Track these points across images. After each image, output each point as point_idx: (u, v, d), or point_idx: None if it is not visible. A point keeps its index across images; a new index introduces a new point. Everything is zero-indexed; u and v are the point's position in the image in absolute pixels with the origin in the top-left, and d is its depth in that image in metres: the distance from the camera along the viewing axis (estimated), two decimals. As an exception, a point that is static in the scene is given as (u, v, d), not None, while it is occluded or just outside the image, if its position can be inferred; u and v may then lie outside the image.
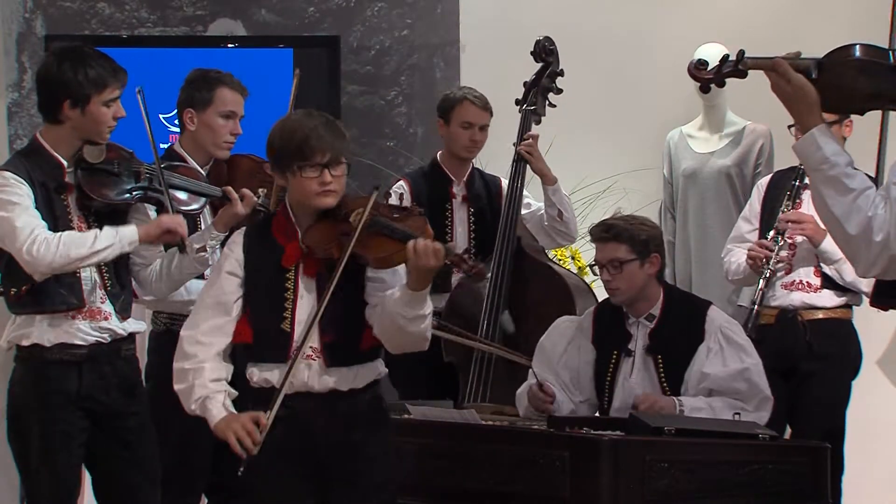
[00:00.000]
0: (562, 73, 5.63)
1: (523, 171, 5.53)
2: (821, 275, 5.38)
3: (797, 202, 5.40)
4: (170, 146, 4.91)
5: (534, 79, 5.63)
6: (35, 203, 4.17)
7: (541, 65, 5.64)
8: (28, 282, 4.18)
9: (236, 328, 3.84)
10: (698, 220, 6.41)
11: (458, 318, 5.39)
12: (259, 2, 6.84)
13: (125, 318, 4.34)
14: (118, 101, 4.26)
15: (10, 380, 4.33)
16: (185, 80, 4.88)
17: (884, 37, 5.91)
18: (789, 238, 5.37)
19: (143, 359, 4.61)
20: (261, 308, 3.83)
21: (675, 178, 6.50)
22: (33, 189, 4.18)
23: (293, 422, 3.79)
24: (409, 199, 5.46)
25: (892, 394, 6.61)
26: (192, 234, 4.55)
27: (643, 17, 6.85)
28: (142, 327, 4.49)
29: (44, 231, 4.12)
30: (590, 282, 5.54)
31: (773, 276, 5.38)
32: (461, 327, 5.34)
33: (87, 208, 4.27)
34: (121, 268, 4.35)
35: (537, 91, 5.60)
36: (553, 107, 5.64)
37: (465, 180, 5.67)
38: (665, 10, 6.88)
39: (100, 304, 4.28)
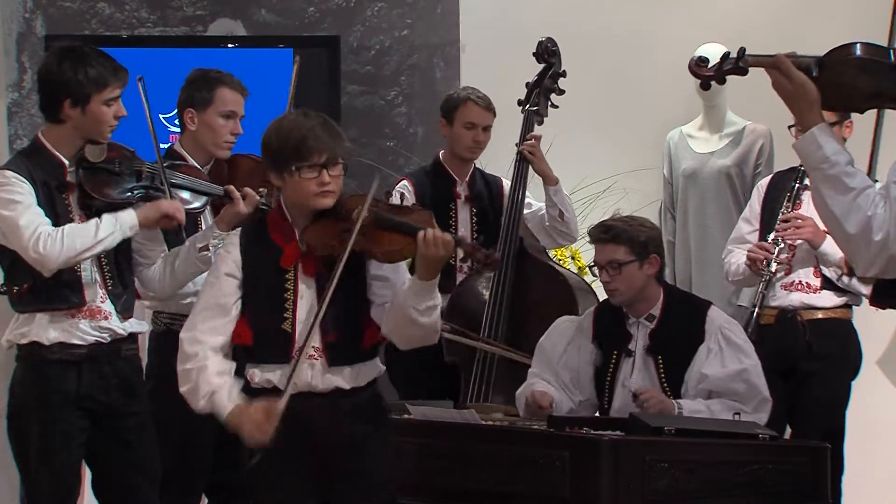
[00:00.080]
0: (564, 74, 5.64)
1: (525, 171, 5.53)
2: (820, 275, 5.38)
3: (797, 203, 5.40)
4: (170, 146, 4.91)
5: (536, 79, 5.63)
6: (37, 201, 4.18)
7: (543, 65, 5.64)
8: (29, 280, 4.19)
9: (235, 329, 3.83)
10: (698, 220, 6.41)
11: (460, 317, 5.39)
12: (259, 2, 6.84)
13: (126, 318, 4.34)
14: (119, 101, 4.26)
15: (11, 379, 4.33)
16: (185, 80, 4.88)
17: (884, 37, 5.90)
18: (789, 241, 5.37)
19: (143, 359, 4.61)
20: (260, 309, 3.83)
21: (675, 178, 6.50)
22: (35, 188, 4.18)
23: (295, 421, 3.78)
24: (412, 199, 5.46)
25: (892, 394, 6.61)
26: (195, 234, 4.56)
27: (643, 17, 6.85)
28: (144, 327, 4.49)
29: (47, 227, 4.12)
30: (590, 282, 5.54)
31: (773, 277, 5.39)
32: (463, 327, 5.34)
33: (89, 207, 4.27)
34: (123, 267, 4.35)
35: (539, 92, 5.60)
36: (555, 108, 5.64)
37: (467, 180, 5.68)
38: (665, 10, 6.87)
39: (100, 303, 4.28)
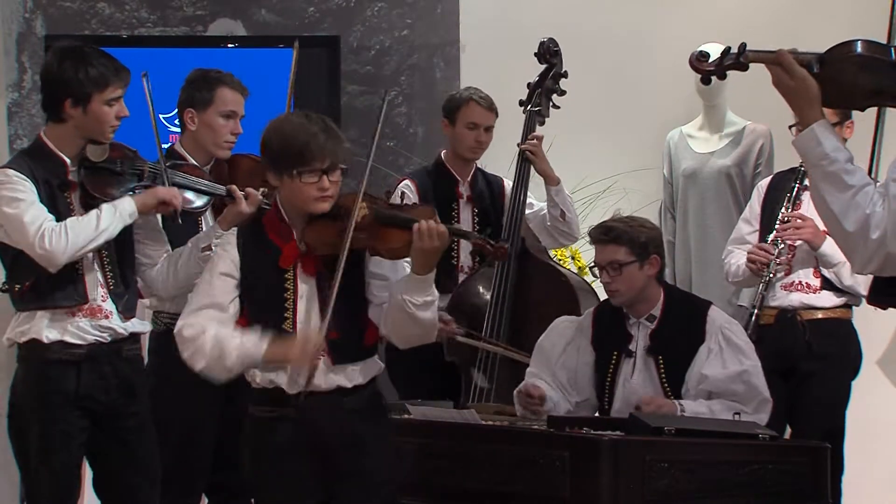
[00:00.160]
0: (565, 75, 5.63)
1: (527, 171, 5.52)
2: (820, 276, 5.38)
3: (797, 204, 5.39)
4: (170, 146, 4.91)
5: (538, 80, 5.62)
6: (39, 200, 4.18)
7: (545, 66, 5.63)
8: (31, 277, 4.19)
9: (235, 329, 3.83)
10: (698, 220, 6.41)
11: (462, 317, 5.38)
12: (259, 2, 6.84)
13: (128, 318, 4.33)
14: (121, 101, 4.26)
15: (12, 379, 4.34)
16: (185, 80, 4.88)
17: (883, 36, 5.91)
18: (789, 242, 5.37)
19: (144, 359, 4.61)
20: (260, 309, 3.83)
21: (675, 178, 6.50)
22: (37, 186, 4.19)
23: (298, 420, 3.79)
24: (415, 199, 5.45)
25: (892, 394, 6.61)
26: (197, 235, 4.56)
27: (643, 18, 6.84)
28: (146, 328, 4.49)
29: (50, 223, 4.13)
30: (590, 282, 5.54)
31: (773, 278, 5.39)
32: (465, 327, 5.34)
33: (91, 206, 4.27)
34: (126, 268, 4.35)
35: (541, 92, 5.59)
36: (557, 108, 5.64)
37: (469, 180, 5.67)
38: (665, 10, 6.87)
39: (101, 302, 4.28)
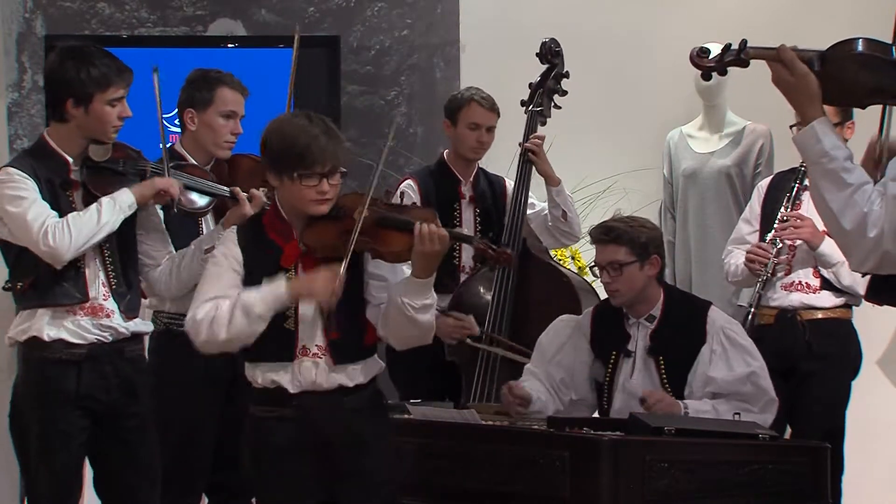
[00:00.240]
0: (567, 75, 5.61)
1: (529, 171, 5.52)
2: (819, 276, 5.38)
3: (797, 204, 5.39)
4: (171, 146, 4.91)
5: (539, 80, 5.61)
6: (42, 198, 4.19)
7: (546, 66, 5.62)
8: (32, 275, 4.19)
9: None
10: (698, 220, 6.41)
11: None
12: (259, 2, 6.84)
13: (131, 318, 4.33)
14: (124, 101, 4.26)
15: (14, 378, 4.34)
16: (185, 80, 4.88)
17: (883, 37, 5.90)
18: (789, 241, 5.37)
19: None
20: None
21: (675, 178, 6.50)
22: (38, 185, 4.19)
23: (301, 420, 3.80)
24: (417, 198, 5.45)
25: (892, 394, 6.61)
26: (201, 236, 4.56)
27: (643, 18, 6.84)
28: (149, 328, 4.48)
29: (53, 220, 4.14)
30: (590, 282, 5.54)
31: (772, 278, 5.38)
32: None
33: None
34: (128, 267, 4.35)
35: (543, 93, 5.58)
36: (558, 108, 5.63)
37: (471, 181, 5.65)
38: (665, 10, 6.87)
39: (102, 300, 4.27)
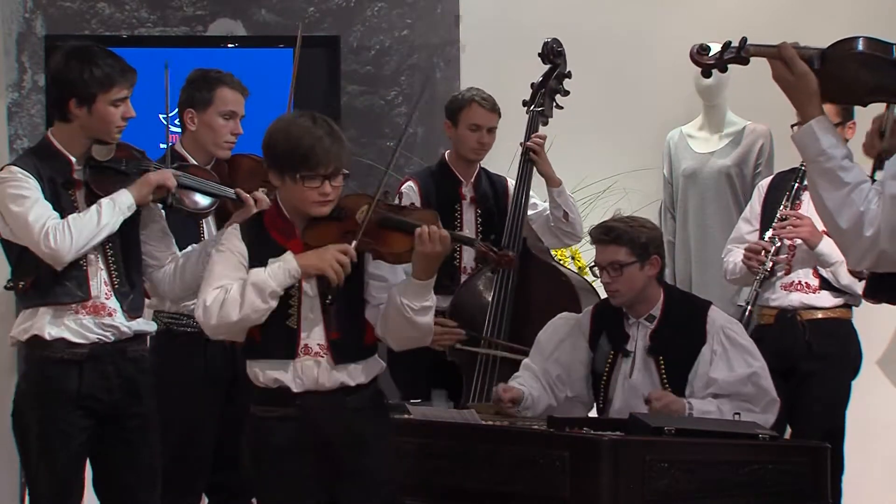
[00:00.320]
0: (569, 75, 5.61)
1: (530, 171, 5.51)
2: (819, 276, 5.38)
3: (797, 204, 5.40)
4: (171, 146, 4.90)
5: (541, 80, 5.60)
6: (43, 197, 4.19)
7: (548, 66, 5.61)
8: (34, 274, 4.19)
9: None
10: (698, 220, 6.41)
11: (464, 318, 5.38)
12: (259, 2, 6.84)
13: (133, 318, 4.32)
14: (127, 101, 4.25)
15: (18, 378, 4.34)
16: (185, 80, 4.88)
17: (884, 36, 5.90)
18: (788, 241, 5.37)
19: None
20: None
21: (675, 178, 6.50)
22: (41, 184, 4.19)
23: (302, 420, 3.80)
24: (417, 199, 5.45)
25: (892, 394, 6.61)
26: (207, 239, 4.55)
27: (643, 18, 6.85)
28: (152, 327, 4.46)
29: (54, 221, 4.14)
30: (590, 282, 5.54)
31: (771, 276, 5.38)
32: (466, 327, 5.33)
33: None
34: (131, 267, 4.34)
35: (545, 93, 5.57)
36: (560, 108, 5.62)
37: (472, 181, 5.65)
38: (665, 11, 6.88)
39: (104, 299, 4.26)
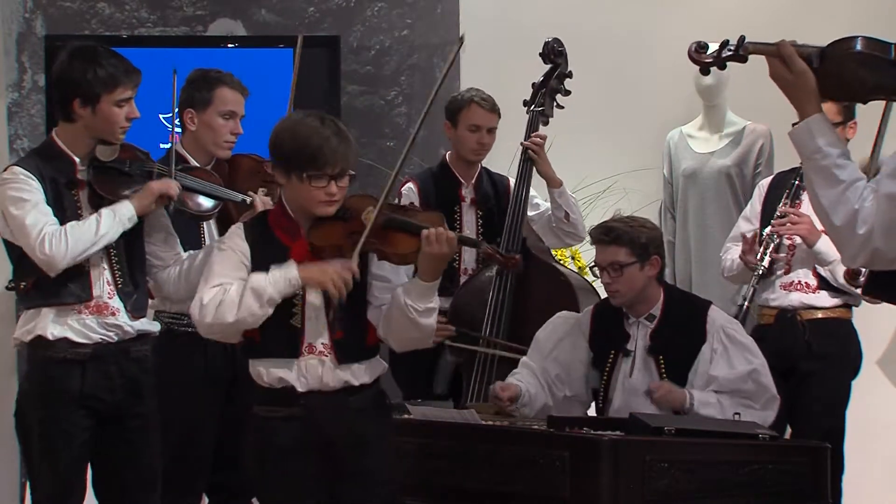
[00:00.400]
0: (570, 75, 5.60)
1: (529, 172, 5.51)
2: (818, 275, 5.38)
3: (797, 202, 5.39)
4: (173, 145, 4.90)
5: (542, 80, 5.60)
6: (45, 198, 4.19)
7: (549, 66, 5.61)
8: (35, 275, 4.19)
9: None
10: (698, 220, 6.42)
11: (463, 318, 5.37)
12: (259, 2, 6.84)
13: (137, 318, 4.32)
14: (131, 102, 4.25)
15: (19, 379, 4.35)
16: (185, 80, 4.88)
17: (884, 36, 5.90)
18: (787, 240, 5.37)
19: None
20: None
21: (675, 178, 6.51)
22: (43, 184, 4.19)
23: (306, 420, 3.81)
24: (417, 201, 5.45)
25: (892, 394, 6.61)
26: (213, 241, 4.55)
27: (643, 18, 6.85)
28: (155, 328, 4.45)
29: (52, 227, 4.13)
30: (590, 281, 5.54)
31: (769, 273, 5.37)
32: (466, 327, 5.33)
33: (99, 206, 4.26)
34: (135, 266, 4.34)
35: (545, 92, 5.56)
36: (561, 108, 5.62)
37: (473, 183, 5.64)
38: (665, 11, 6.88)
39: (107, 299, 4.27)
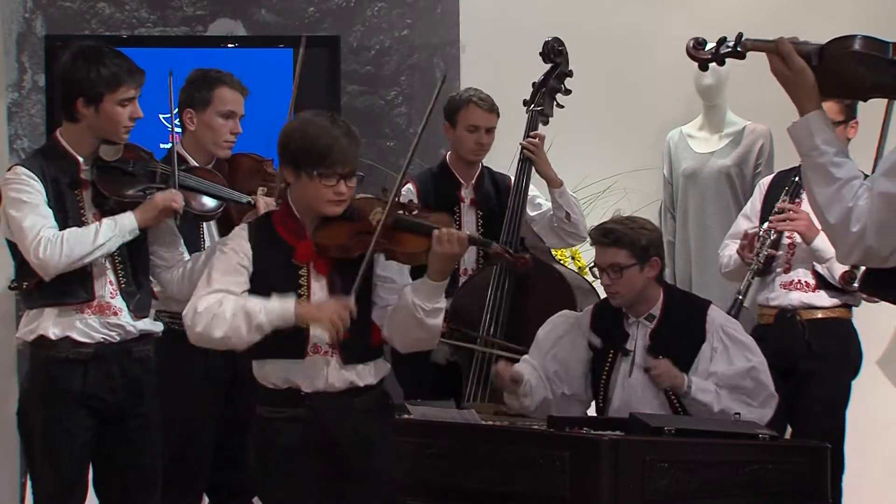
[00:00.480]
0: (570, 74, 5.60)
1: (528, 171, 5.51)
2: (816, 274, 5.38)
3: (797, 202, 5.39)
4: (174, 145, 4.89)
5: (542, 79, 5.59)
6: (47, 198, 4.19)
7: (550, 65, 5.60)
8: (37, 275, 4.20)
9: None
10: (698, 220, 6.42)
11: (461, 318, 5.38)
12: (259, 2, 6.84)
13: (140, 318, 4.32)
14: (135, 102, 4.25)
15: (19, 378, 4.35)
16: (185, 80, 4.88)
17: (883, 36, 5.89)
18: (787, 238, 5.37)
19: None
20: None
21: (675, 178, 6.51)
22: (45, 185, 4.19)
23: (311, 421, 3.81)
24: (416, 202, 5.44)
25: (892, 394, 6.61)
26: (217, 240, 4.54)
27: (643, 18, 6.85)
28: (158, 328, 4.45)
29: (49, 231, 4.13)
30: (590, 282, 5.53)
31: (766, 269, 5.36)
32: (464, 327, 5.33)
33: (102, 206, 4.27)
34: (138, 267, 4.34)
35: (545, 92, 5.56)
36: (561, 107, 5.61)
37: (473, 183, 5.63)
38: (665, 10, 6.87)
39: (109, 299, 4.27)
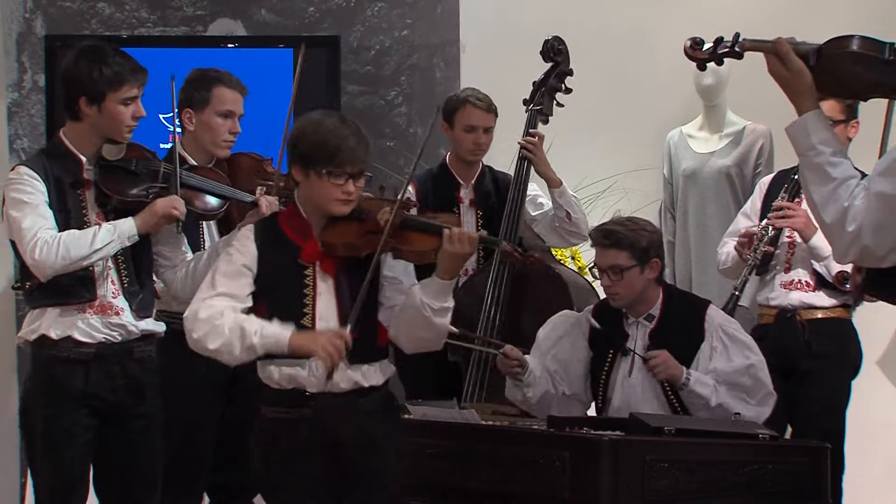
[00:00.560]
0: (570, 73, 5.59)
1: (527, 171, 5.50)
2: (815, 273, 5.38)
3: (797, 200, 5.39)
4: (174, 144, 4.89)
5: (542, 78, 5.58)
6: (48, 198, 4.19)
7: (550, 64, 5.60)
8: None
9: None
10: (698, 220, 6.41)
11: (462, 319, 5.36)
12: (259, 2, 6.84)
13: (142, 318, 4.32)
14: (138, 101, 4.25)
15: (20, 378, 4.35)
16: (184, 80, 4.87)
17: (883, 36, 5.89)
18: (787, 237, 5.36)
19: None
20: (279, 305, 3.82)
21: (675, 178, 6.50)
22: (47, 185, 4.19)
23: (315, 421, 3.81)
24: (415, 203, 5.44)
25: (892, 394, 6.61)
26: (219, 239, 4.54)
27: (643, 17, 6.85)
28: (160, 328, 4.45)
29: (46, 232, 4.13)
30: (590, 282, 5.53)
31: (763, 267, 5.36)
32: (462, 327, 5.32)
33: (105, 205, 4.27)
34: (140, 266, 4.34)
35: (544, 91, 5.55)
36: (561, 106, 5.61)
37: (473, 183, 5.63)
38: (665, 10, 6.87)
39: (111, 298, 4.27)
